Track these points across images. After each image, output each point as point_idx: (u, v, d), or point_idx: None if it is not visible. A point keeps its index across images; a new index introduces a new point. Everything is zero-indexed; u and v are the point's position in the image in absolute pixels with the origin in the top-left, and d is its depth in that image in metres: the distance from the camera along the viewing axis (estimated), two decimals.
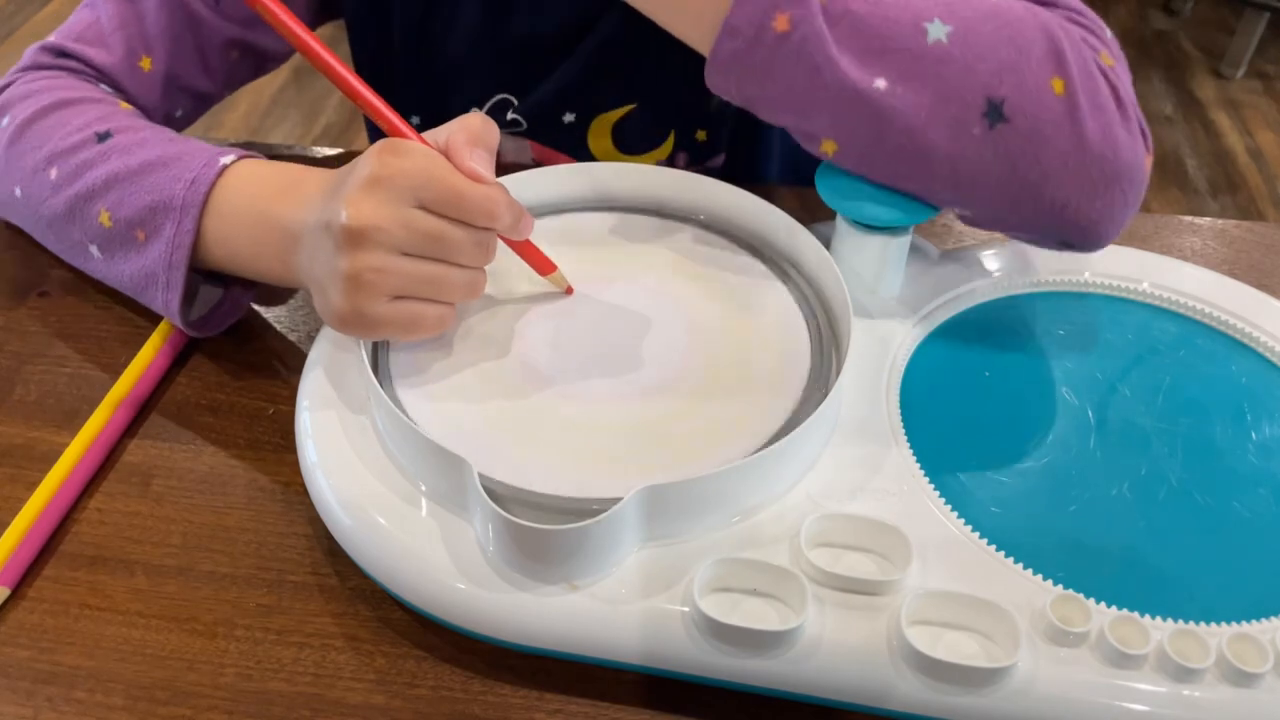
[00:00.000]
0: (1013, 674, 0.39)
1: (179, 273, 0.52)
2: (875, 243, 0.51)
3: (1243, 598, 0.41)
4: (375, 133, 0.83)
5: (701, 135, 0.68)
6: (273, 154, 0.68)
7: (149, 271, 0.53)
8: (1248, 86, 2.26)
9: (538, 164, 0.72)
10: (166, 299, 0.53)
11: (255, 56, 0.66)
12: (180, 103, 0.64)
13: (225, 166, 0.52)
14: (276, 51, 0.67)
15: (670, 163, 0.70)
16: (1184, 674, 0.38)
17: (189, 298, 0.54)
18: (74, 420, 0.52)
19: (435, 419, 0.46)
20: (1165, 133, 2.12)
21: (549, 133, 0.70)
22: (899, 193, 0.49)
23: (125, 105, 0.59)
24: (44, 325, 0.59)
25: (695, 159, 0.70)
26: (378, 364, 0.48)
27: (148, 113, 0.61)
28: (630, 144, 0.69)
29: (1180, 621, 0.40)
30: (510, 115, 0.71)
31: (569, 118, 0.68)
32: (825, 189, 0.50)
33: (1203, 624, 0.40)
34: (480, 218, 0.45)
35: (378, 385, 0.45)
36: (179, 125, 0.66)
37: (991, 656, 0.39)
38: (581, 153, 0.70)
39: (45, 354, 0.57)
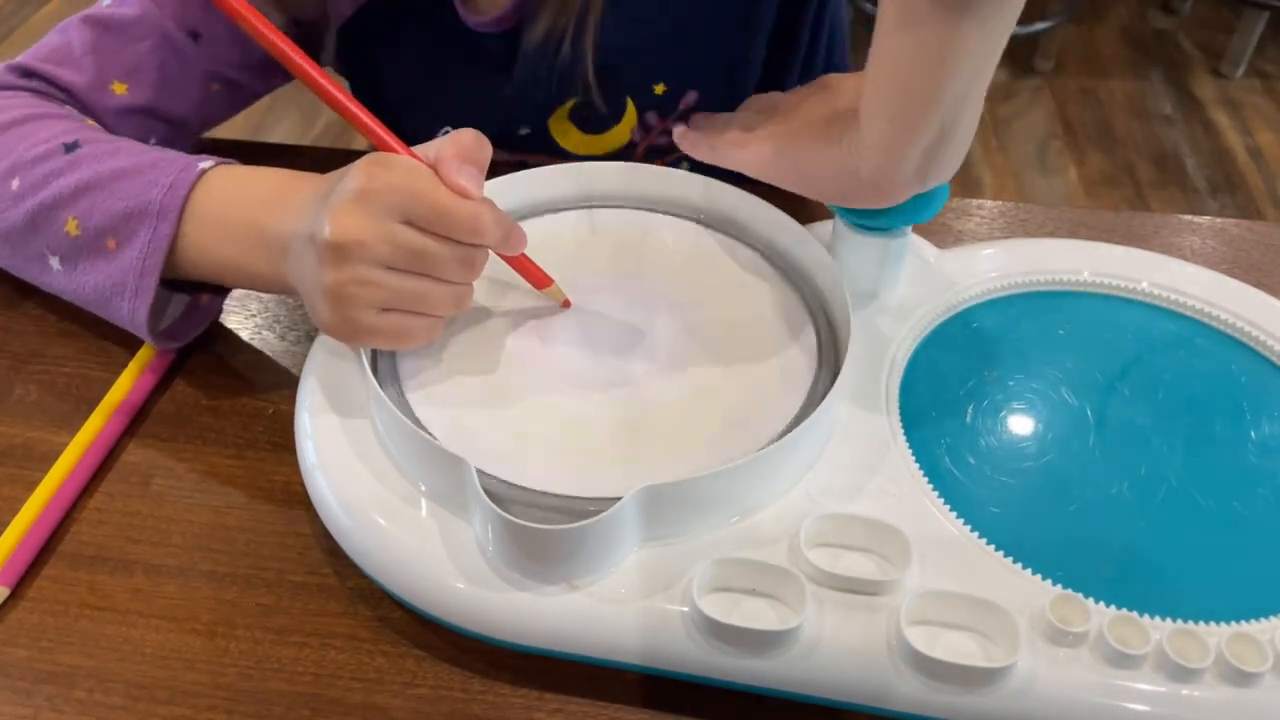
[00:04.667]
0: (1012, 674, 0.39)
1: (151, 279, 0.50)
2: (875, 243, 0.51)
3: (1242, 597, 0.41)
4: None
5: (660, 89, 0.67)
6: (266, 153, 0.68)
7: (116, 280, 0.51)
8: (1247, 86, 2.26)
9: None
10: (134, 307, 0.51)
11: (235, 91, 0.65)
12: (155, 130, 0.62)
13: (204, 171, 0.51)
14: (256, 88, 0.66)
15: (643, 126, 0.69)
16: (1183, 674, 0.38)
17: (158, 308, 0.52)
18: (74, 420, 0.52)
19: (434, 419, 0.46)
20: (1165, 132, 2.12)
21: (513, 145, 0.70)
22: None
23: (91, 123, 0.58)
24: (44, 325, 0.58)
25: (666, 112, 0.69)
26: (377, 364, 0.48)
27: (116, 135, 0.59)
28: (593, 125, 0.69)
29: (1179, 621, 0.40)
30: None
31: (524, 131, 0.68)
32: None
33: (1202, 624, 0.40)
34: (466, 235, 0.45)
35: (377, 386, 0.45)
36: None
37: (991, 656, 0.39)
38: (554, 150, 0.70)
39: (45, 354, 0.57)
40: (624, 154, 0.70)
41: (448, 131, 0.47)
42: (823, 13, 0.71)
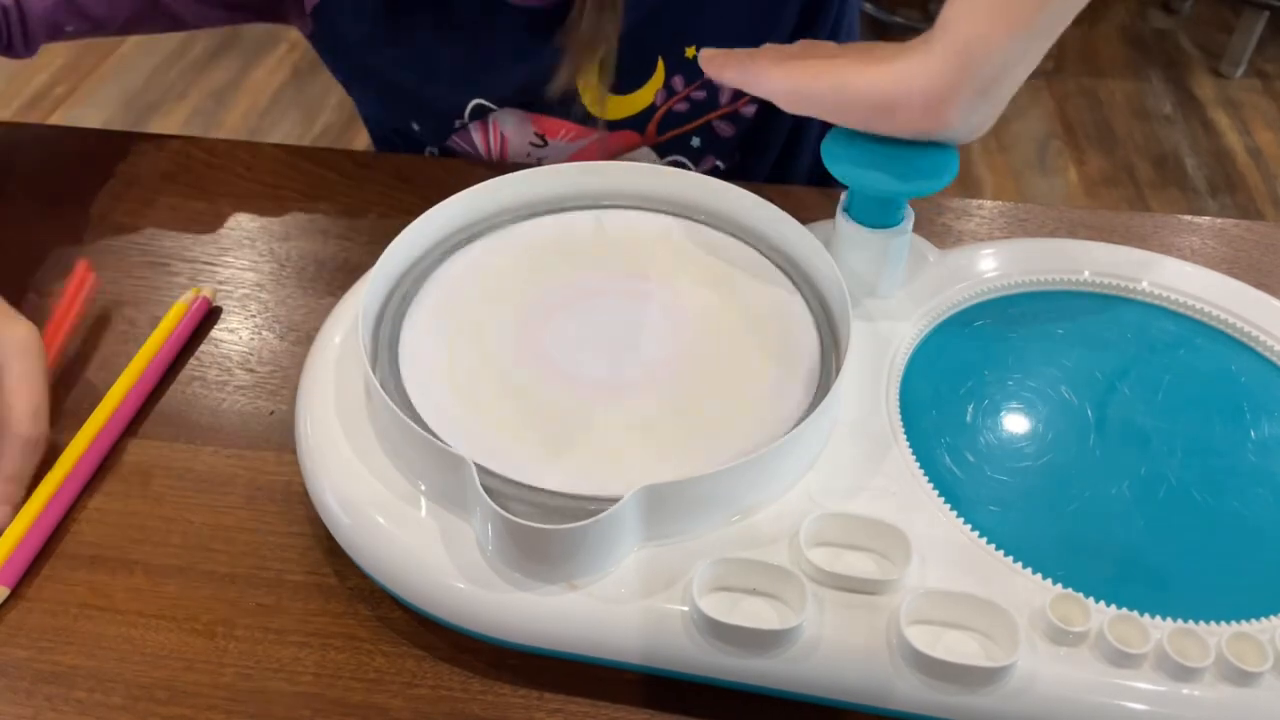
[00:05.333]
0: (1012, 673, 0.39)
1: None
2: (875, 242, 0.51)
3: (1242, 597, 0.41)
4: (376, 134, 0.83)
5: (691, 52, 0.67)
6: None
7: None
8: (1247, 85, 2.26)
9: (540, 136, 0.72)
10: None
11: (166, 14, 0.66)
12: (71, 20, 0.64)
13: None
14: (185, 17, 0.67)
15: (668, 88, 0.69)
16: (1183, 673, 0.38)
17: None
18: (74, 420, 0.52)
19: (435, 418, 0.46)
20: (1165, 132, 2.12)
21: (533, 106, 0.70)
22: (905, 161, 0.48)
23: None
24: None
25: (692, 77, 0.69)
26: (377, 363, 0.48)
27: (31, 15, 0.62)
28: (620, 83, 0.68)
29: (1180, 621, 0.40)
30: (492, 116, 0.71)
31: (549, 89, 0.69)
32: (831, 158, 0.49)
33: (1202, 623, 0.40)
34: None
35: (377, 385, 0.45)
36: (68, 38, 0.66)
37: (991, 656, 0.39)
38: (576, 108, 0.70)
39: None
40: (644, 117, 0.70)
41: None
42: (846, 3, 0.71)
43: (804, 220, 0.53)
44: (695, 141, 0.72)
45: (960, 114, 0.45)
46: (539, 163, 0.55)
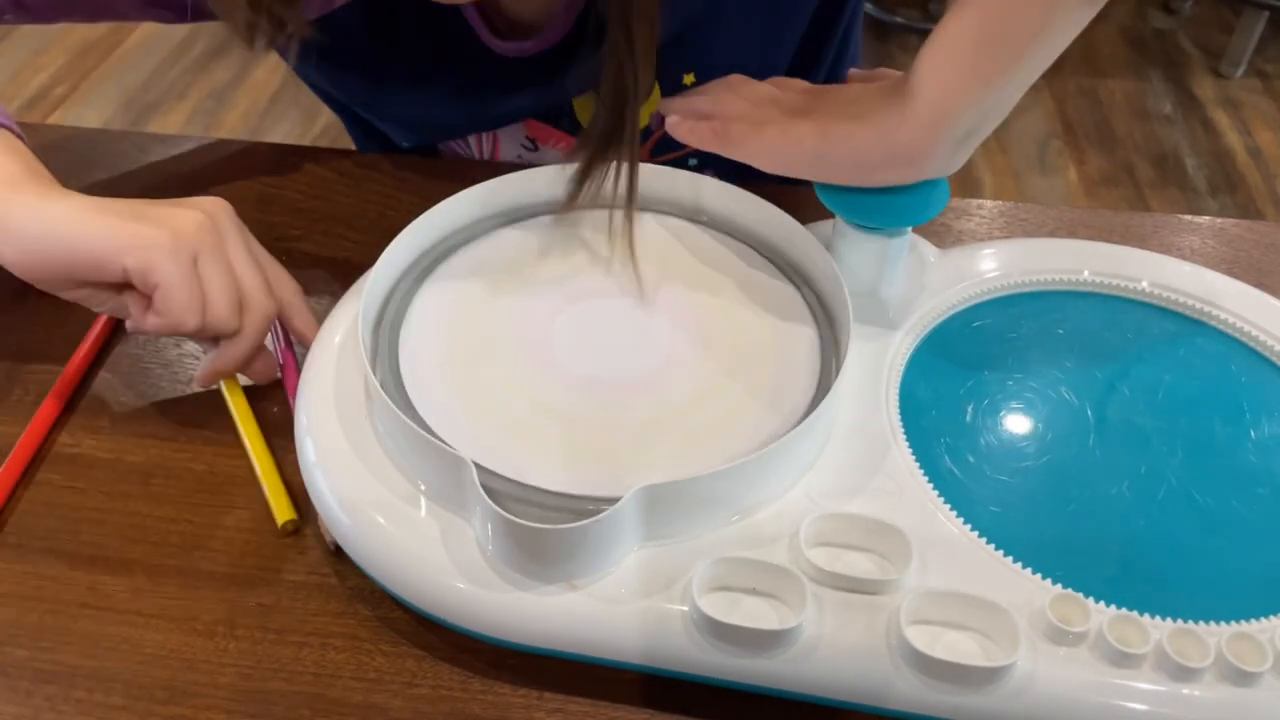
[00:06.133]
0: (1012, 673, 0.39)
1: None
2: (875, 243, 0.51)
3: (1242, 597, 0.41)
4: (360, 138, 0.82)
5: (690, 79, 0.67)
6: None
7: None
8: (1247, 85, 2.26)
9: (531, 141, 0.72)
10: None
11: (98, 8, 0.65)
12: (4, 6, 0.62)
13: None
14: (124, 12, 0.65)
15: (662, 114, 0.69)
16: (1183, 673, 0.38)
17: None
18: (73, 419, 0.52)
19: (435, 418, 0.46)
20: (1164, 132, 2.12)
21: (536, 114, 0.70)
22: (895, 193, 0.50)
23: None
24: (44, 325, 0.58)
25: None
26: (377, 363, 0.48)
27: None
28: None
29: (1179, 621, 0.40)
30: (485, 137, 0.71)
31: (544, 110, 0.68)
32: (824, 192, 0.50)
33: (1202, 623, 0.40)
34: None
35: (377, 384, 0.45)
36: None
37: (990, 656, 0.39)
38: (572, 121, 0.69)
39: (45, 353, 0.57)
40: (640, 137, 0.70)
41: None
42: (850, 30, 0.71)
43: (804, 220, 0.53)
44: (693, 161, 0.72)
45: (939, 164, 0.47)
46: (528, 165, 0.55)
